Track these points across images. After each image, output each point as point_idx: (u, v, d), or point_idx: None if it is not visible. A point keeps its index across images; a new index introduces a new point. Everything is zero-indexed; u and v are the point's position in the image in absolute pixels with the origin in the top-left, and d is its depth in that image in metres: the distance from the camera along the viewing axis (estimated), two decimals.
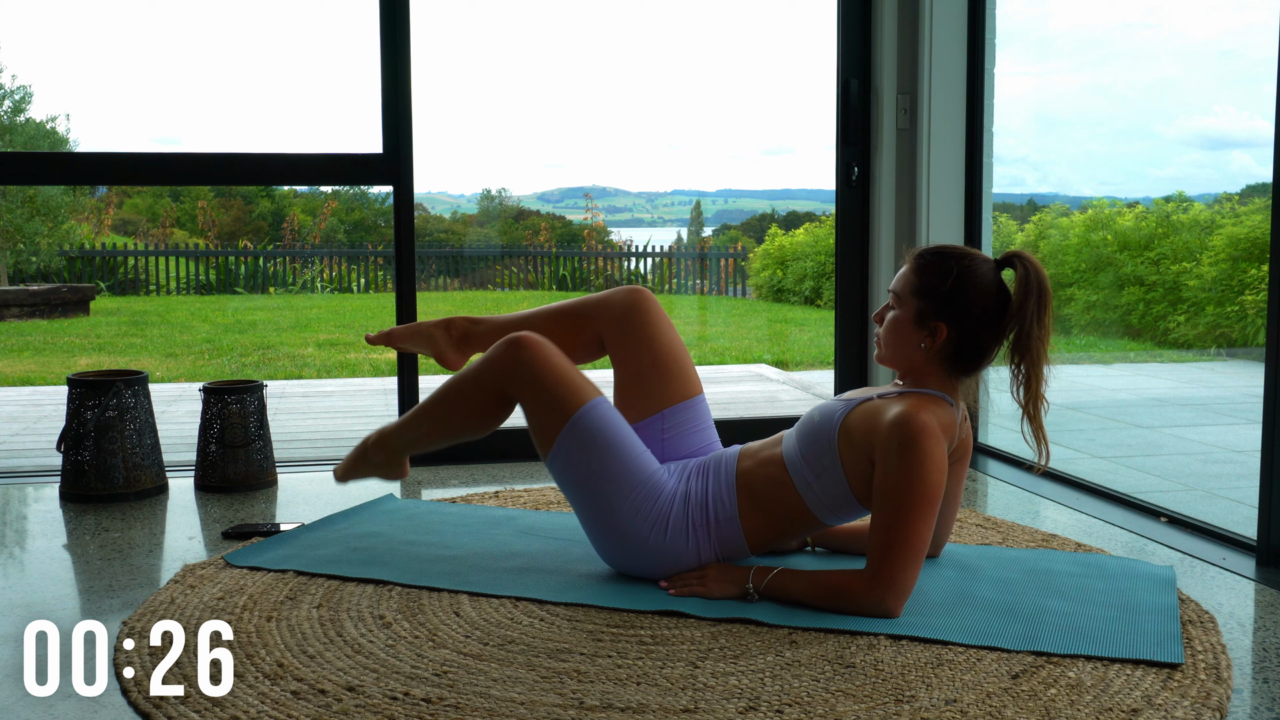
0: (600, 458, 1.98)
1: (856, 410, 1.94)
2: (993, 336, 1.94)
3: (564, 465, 2.02)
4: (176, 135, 10.35)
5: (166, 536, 2.47)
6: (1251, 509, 2.43)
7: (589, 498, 2.01)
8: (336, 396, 5.40)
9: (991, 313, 1.93)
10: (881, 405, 1.92)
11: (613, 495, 1.99)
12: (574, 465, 2.00)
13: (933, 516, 1.84)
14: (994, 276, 1.94)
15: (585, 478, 2.00)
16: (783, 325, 8.85)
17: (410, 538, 2.35)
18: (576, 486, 2.02)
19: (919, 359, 1.96)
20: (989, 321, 1.93)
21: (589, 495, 2.01)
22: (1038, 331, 1.88)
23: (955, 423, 1.95)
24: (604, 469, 1.98)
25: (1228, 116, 6.86)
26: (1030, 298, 1.88)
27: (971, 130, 3.35)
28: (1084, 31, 6.93)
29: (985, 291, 1.92)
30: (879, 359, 2.04)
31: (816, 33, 4.58)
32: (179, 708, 1.54)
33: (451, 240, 10.81)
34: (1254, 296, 5.77)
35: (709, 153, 10.25)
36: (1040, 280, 1.89)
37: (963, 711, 1.52)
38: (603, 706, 1.54)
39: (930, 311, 1.94)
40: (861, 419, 1.92)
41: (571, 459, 2.00)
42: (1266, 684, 1.65)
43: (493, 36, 8.37)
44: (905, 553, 1.83)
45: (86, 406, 2.72)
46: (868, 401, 1.95)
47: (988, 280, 1.93)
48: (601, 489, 1.99)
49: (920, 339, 1.95)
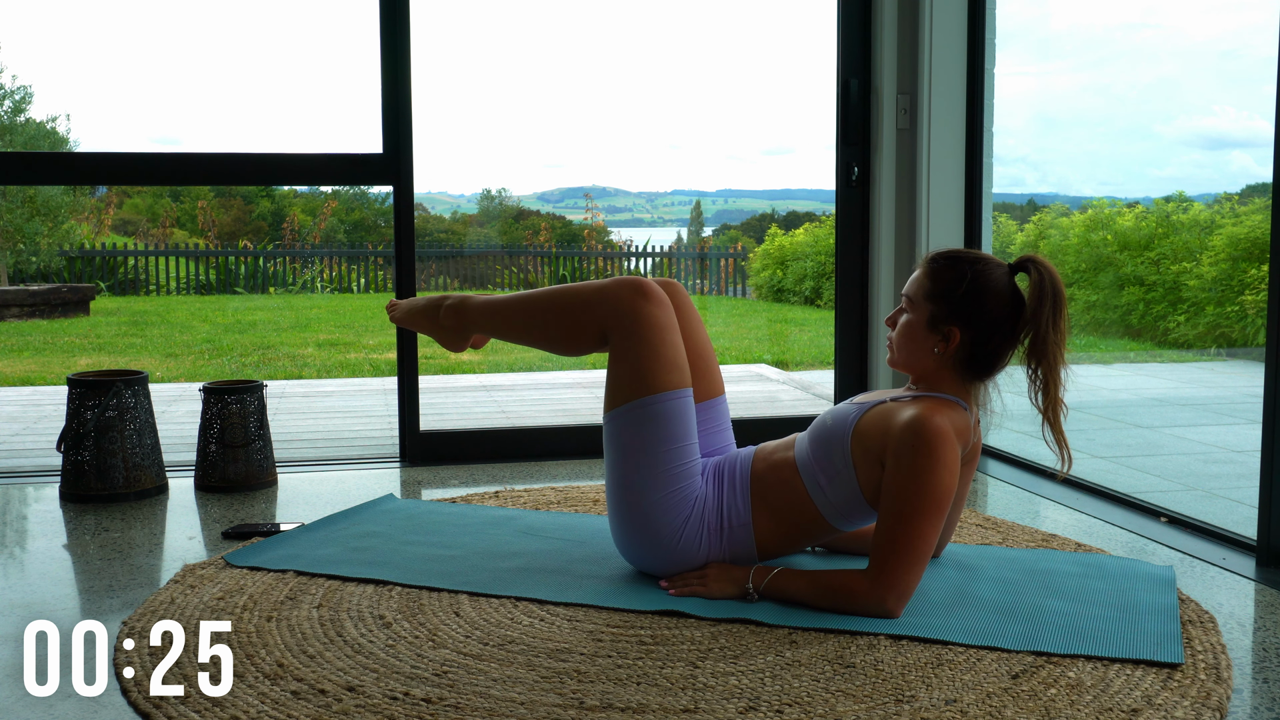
0: (655, 445, 1.97)
1: (870, 413, 1.94)
2: (1007, 341, 1.94)
3: (618, 431, 1.99)
4: (176, 135, 10.34)
5: (166, 536, 2.47)
6: (1251, 509, 2.43)
7: (626, 476, 1.99)
8: (336, 396, 5.40)
9: (1005, 317, 1.93)
10: (895, 408, 1.91)
11: (650, 485, 1.98)
12: (629, 437, 1.98)
13: (940, 520, 1.84)
14: (1008, 281, 1.94)
15: (632, 455, 1.98)
16: (783, 325, 8.85)
17: (410, 538, 2.35)
18: (620, 458, 2.00)
19: (932, 364, 1.96)
20: (1003, 326, 1.93)
21: (628, 473, 1.99)
22: (1053, 336, 1.87)
23: (969, 426, 1.95)
24: (654, 458, 1.97)
25: (1228, 116, 6.87)
26: (1045, 302, 1.87)
27: (971, 130, 3.35)
28: (1084, 31, 6.93)
29: (999, 296, 1.92)
30: (891, 363, 2.03)
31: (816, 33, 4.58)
32: (179, 708, 1.54)
33: (451, 240, 10.81)
34: (1254, 296, 5.77)
35: (709, 153, 10.25)
36: (1054, 284, 1.88)
37: (963, 711, 1.52)
38: (603, 706, 1.54)
39: (944, 316, 1.93)
40: (875, 422, 1.92)
41: (630, 430, 1.98)
42: (1266, 684, 1.65)
43: (493, 36, 8.36)
44: (910, 555, 1.83)
45: (86, 406, 2.72)
46: (881, 405, 1.95)
47: (1001, 285, 1.93)
48: (642, 473, 1.98)
49: (934, 344, 1.95)
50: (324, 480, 2.99)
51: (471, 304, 2.18)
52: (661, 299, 2.00)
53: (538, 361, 7.38)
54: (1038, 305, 1.88)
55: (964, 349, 1.93)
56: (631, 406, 1.98)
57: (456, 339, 2.23)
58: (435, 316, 2.23)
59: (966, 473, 2.07)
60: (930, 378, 1.97)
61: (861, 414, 1.94)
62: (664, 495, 1.98)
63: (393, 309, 2.31)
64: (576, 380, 5.82)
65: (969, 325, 1.92)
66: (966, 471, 2.06)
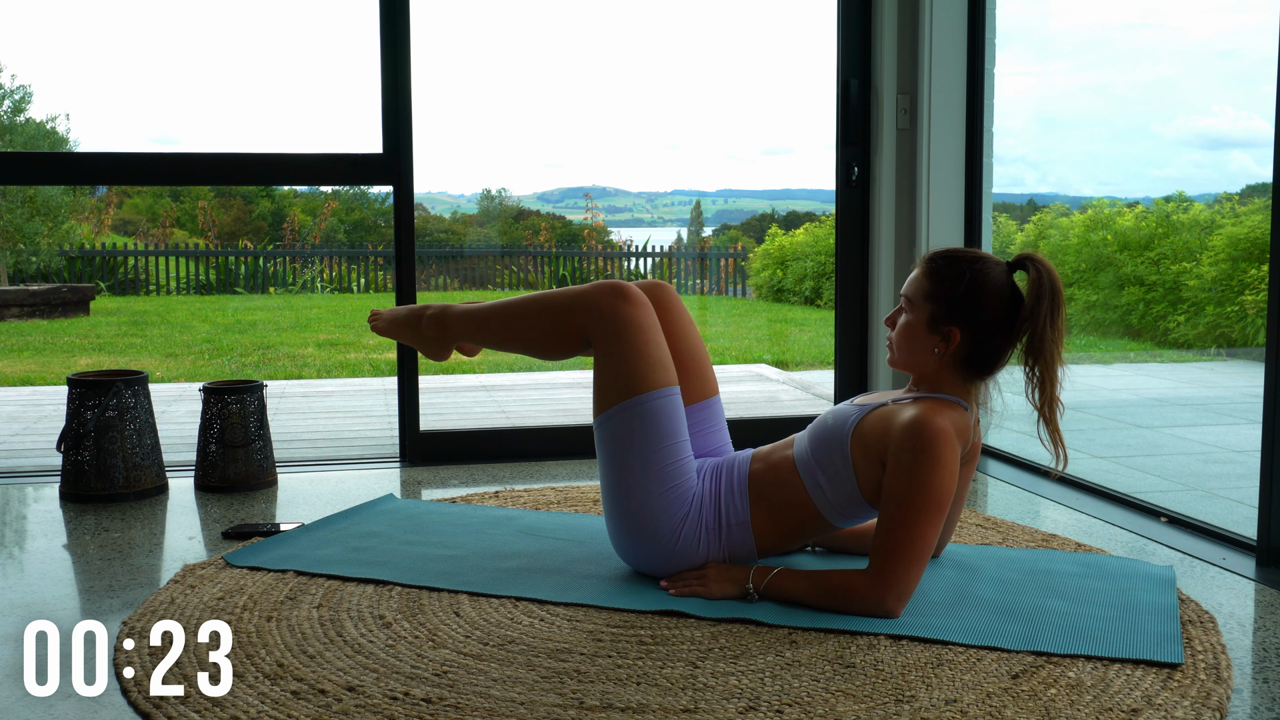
0: (645, 446, 1.97)
1: (871, 415, 1.94)
2: (1006, 340, 1.94)
3: (610, 436, 2.00)
4: (176, 135, 10.34)
5: (166, 536, 2.47)
6: (1251, 509, 2.43)
7: (622, 477, 1.99)
8: (336, 396, 5.40)
9: (1004, 316, 1.93)
10: (896, 409, 1.92)
11: (646, 483, 1.98)
12: (619, 440, 1.98)
13: (940, 520, 1.84)
14: (1006, 279, 1.94)
15: (625, 457, 1.98)
16: (783, 325, 8.85)
17: (410, 538, 2.35)
18: (614, 460, 2.00)
19: (932, 363, 1.96)
20: (1002, 325, 1.93)
21: (623, 474, 1.99)
22: (1050, 334, 1.87)
23: (969, 426, 1.95)
24: (647, 457, 1.97)
25: (1228, 116, 6.86)
26: (1043, 300, 1.87)
27: (971, 130, 3.35)
28: (1084, 32, 6.93)
29: (998, 295, 1.92)
30: (891, 363, 2.03)
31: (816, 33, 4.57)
32: (179, 708, 1.54)
33: (451, 240, 10.81)
34: (1254, 296, 5.77)
35: (709, 153, 10.24)
36: (1053, 282, 1.88)
37: (963, 711, 1.52)
38: (603, 707, 1.54)
39: (943, 316, 1.93)
40: (875, 423, 1.92)
41: (619, 433, 1.98)
42: (1266, 684, 1.65)
43: (493, 36, 8.36)
44: (910, 555, 1.83)
45: (86, 406, 2.72)
46: (882, 406, 1.95)
47: (1000, 283, 1.93)
48: (636, 473, 1.98)
49: (934, 344, 1.95)
50: (324, 480, 2.99)
51: (453, 313, 2.19)
52: (640, 300, 2.00)
53: (537, 362, 7.38)
54: (1036, 303, 1.88)
55: (964, 348, 1.93)
56: (620, 408, 1.98)
57: (439, 348, 2.24)
58: (417, 326, 2.24)
59: (966, 472, 2.07)
60: (931, 377, 1.97)
61: (863, 415, 1.95)
62: (661, 492, 1.98)
63: (375, 319, 2.31)
64: (576, 380, 5.82)
65: (969, 324, 1.92)
66: (966, 471, 2.07)
